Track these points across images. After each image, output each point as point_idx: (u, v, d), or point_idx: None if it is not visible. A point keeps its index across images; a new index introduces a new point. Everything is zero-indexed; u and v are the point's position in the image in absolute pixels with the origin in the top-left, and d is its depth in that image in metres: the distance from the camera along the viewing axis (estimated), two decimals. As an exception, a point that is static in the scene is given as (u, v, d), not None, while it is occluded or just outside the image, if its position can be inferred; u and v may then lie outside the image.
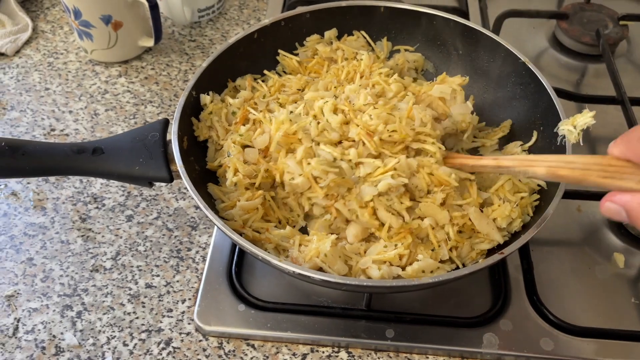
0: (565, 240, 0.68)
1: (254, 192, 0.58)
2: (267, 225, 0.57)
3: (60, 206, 0.71)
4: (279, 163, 0.59)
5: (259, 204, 0.57)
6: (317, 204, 0.58)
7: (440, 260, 0.54)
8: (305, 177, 0.57)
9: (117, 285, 0.64)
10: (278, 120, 0.60)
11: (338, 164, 0.57)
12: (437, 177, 0.56)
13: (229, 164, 0.60)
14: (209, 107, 0.65)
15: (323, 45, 0.73)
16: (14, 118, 0.81)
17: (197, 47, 0.91)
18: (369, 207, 0.56)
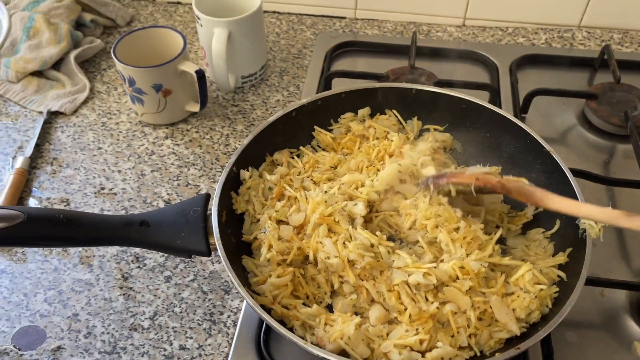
0: (586, 324, 0.69)
1: (284, 269, 0.62)
2: (295, 302, 0.61)
3: (105, 264, 0.76)
4: (312, 241, 0.63)
5: (288, 281, 0.61)
6: (347, 282, 0.62)
7: (459, 347, 0.57)
8: (340, 260, 0.60)
9: (153, 345, 0.68)
10: (314, 201, 0.64)
11: (375, 249, 0.61)
12: (467, 269, 0.59)
13: (264, 240, 0.64)
14: (248, 182, 0.69)
15: (356, 123, 0.77)
16: (69, 175, 0.87)
17: (239, 112, 0.97)
18: (395, 290, 0.59)
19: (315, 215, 0.63)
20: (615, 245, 0.77)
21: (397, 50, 1.05)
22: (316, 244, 0.62)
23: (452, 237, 0.61)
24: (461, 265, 0.58)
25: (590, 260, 0.58)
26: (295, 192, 0.68)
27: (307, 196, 0.66)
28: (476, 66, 1.05)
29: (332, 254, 0.61)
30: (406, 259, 0.59)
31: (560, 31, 1.11)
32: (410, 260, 0.59)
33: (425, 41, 1.09)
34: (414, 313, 0.57)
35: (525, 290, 0.59)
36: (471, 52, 1.05)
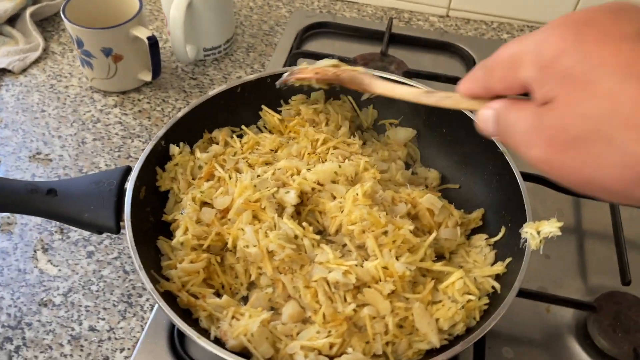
0: (526, 341, 0.64)
1: (199, 255, 0.57)
2: (205, 291, 0.56)
3: (26, 233, 0.71)
4: (234, 228, 0.58)
5: (200, 268, 0.56)
6: (265, 274, 0.57)
7: (374, 354, 0.52)
8: (259, 249, 0.55)
9: (62, 323, 0.64)
10: (242, 184, 0.59)
11: (298, 241, 0.56)
12: (391, 271, 0.54)
13: (181, 221, 0.59)
14: (176, 158, 0.64)
15: (306, 106, 0.72)
16: (5, 136, 0.83)
17: (196, 85, 0.92)
18: (312, 287, 0.54)
19: (241, 199, 0.58)
20: (572, 260, 0.72)
21: (372, 36, 1.00)
22: (237, 230, 0.57)
23: (381, 242, 0.56)
24: (385, 265, 0.53)
25: (525, 272, 0.53)
26: (226, 173, 0.63)
27: (237, 179, 0.61)
28: (453, 59, 0.99)
29: (252, 242, 0.56)
30: (329, 254, 0.54)
31: (547, 30, 1.05)
32: (333, 256, 0.54)
33: (404, 29, 1.04)
34: (328, 313, 0.52)
35: (453, 300, 0.54)
36: (449, 43, 0.99)
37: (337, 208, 0.58)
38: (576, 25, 0.32)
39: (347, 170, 0.61)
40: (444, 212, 0.62)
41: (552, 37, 0.33)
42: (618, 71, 0.30)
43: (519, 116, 0.36)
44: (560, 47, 0.32)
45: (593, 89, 0.30)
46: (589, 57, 0.31)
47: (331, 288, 0.54)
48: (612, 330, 0.62)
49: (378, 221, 0.55)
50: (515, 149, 0.37)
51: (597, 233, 0.75)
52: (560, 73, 0.32)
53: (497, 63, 0.36)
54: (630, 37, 0.30)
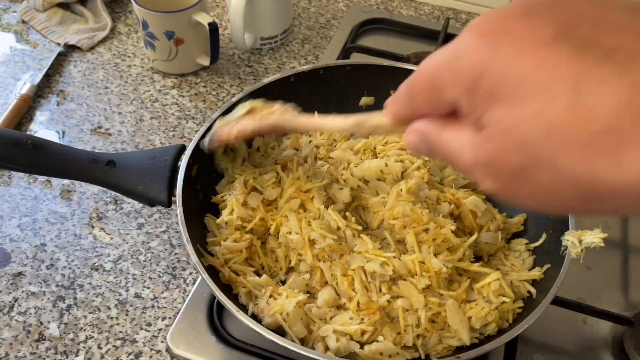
0: (559, 350, 0.64)
1: (242, 235, 0.60)
2: (246, 269, 0.58)
3: (84, 201, 0.76)
4: (279, 215, 0.60)
5: (243, 247, 0.59)
6: (305, 261, 0.59)
7: (404, 345, 0.53)
8: (301, 237, 0.57)
9: (110, 288, 0.68)
10: (294, 175, 0.61)
11: (340, 233, 0.58)
12: (428, 266, 0.55)
13: (228, 202, 0.62)
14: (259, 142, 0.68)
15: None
16: (71, 109, 0.87)
17: (251, 73, 0.95)
18: (349, 275, 0.55)
19: (292, 189, 0.60)
20: (614, 274, 0.71)
21: (427, 35, 1.00)
22: (281, 217, 0.59)
23: (421, 239, 0.57)
24: (422, 260, 0.54)
25: (563, 280, 0.53)
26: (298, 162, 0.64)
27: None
28: (508, 63, 0.98)
29: (295, 229, 0.58)
30: (368, 244, 0.56)
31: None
32: (372, 246, 0.56)
33: (460, 30, 1.03)
34: (362, 302, 0.54)
35: (487, 300, 0.55)
36: (505, 47, 0.98)
37: (380, 203, 0.59)
38: (490, 35, 0.28)
39: (393, 169, 0.62)
40: (486, 215, 0.63)
41: (467, 51, 0.28)
42: (542, 85, 0.26)
43: (453, 143, 0.32)
44: (478, 64, 0.28)
45: (521, 112, 0.26)
46: (509, 74, 0.27)
47: (367, 278, 0.55)
48: (649, 348, 0.61)
49: (420, 218, 0.56)
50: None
51: (643, 249, 0.74)
52: (485, 96, 0.28)
53: (419, 85, 0.32)
54: (547, 41, 0.26)
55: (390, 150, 0.65)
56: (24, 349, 0.62)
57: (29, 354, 0.61)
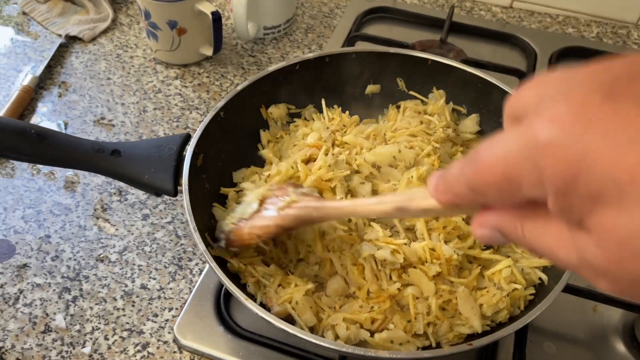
0: (570, 338, 0.63)
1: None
2: (254, 259, 0.58)
3: (88, 192, 0.75)
4: None
5: None
6: (314, 253, 0.58)
7: (414, 333, 0.53)
8: (313, 230, 0.57)
9: (116, 279, 0.67)
10: (320, 162, 0.60)
11: (351, 224, 0.57)
12: (439, 253, 0.54)
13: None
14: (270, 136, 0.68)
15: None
16: (73, 100, 0.87)
17: (254, 62, 0.94)
18: (359, 265, 0.55)
19: (312, 177, 0.59)
20: (623, 261, 0.71)
21: (432, 24, 0.99)
22: None
23: (431, 227, 0.56)
24: (432, 247, 0.54)
25: (575, 266, 0.52)
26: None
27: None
28: (514, 51, 0.98)
29: None
30: (379, 232, 0.55)
31: (615, 27, 1.02)
32: (383, 234, 0.55)
33: (465, 18, 1.02)
34: (372, 290, 0.53)
35: (499, 287, 0.54)
36: (511, 35, 0.97)
37: (390, 189, 0.59)
38: (575, 126, 0.23)
39: (406, 156, 0.61)
40: None
41: (552, 148, 0.24)
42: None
43: (545, 238, 0.28)
44: (571, 164, 0.23)
45: (638, 217, 0.23)
46: (613, 173, 0.23)
47: (378, 266, 0.54)
48: (661, 335, 0.60)
49: None
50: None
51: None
52: (584, 198, 0.24)
53: (487, 179, 0.27)
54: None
55: (400, 136, 0.65)
56: (30, 341, 0.61)
57: (35, 345, 0.61)
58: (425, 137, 0.64)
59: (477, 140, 0.70)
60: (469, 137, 0.70)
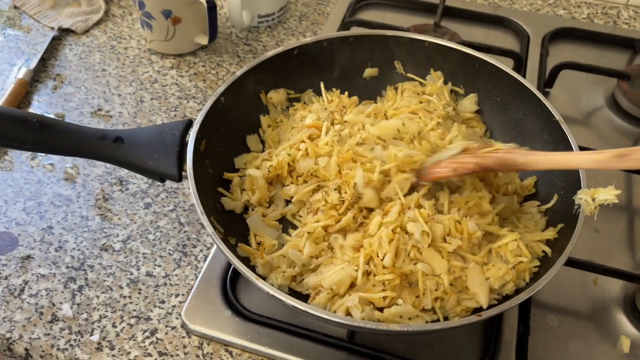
0: (572, 311, 0.65)
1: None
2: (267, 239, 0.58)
3: (89, 183, 0.75)
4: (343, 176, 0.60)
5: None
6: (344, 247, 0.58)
7: (422, 309, 0.53)
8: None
9: (121, 268, 0.67)
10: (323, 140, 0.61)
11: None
12: (464, 227, 0.55)
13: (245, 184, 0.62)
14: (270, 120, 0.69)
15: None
16: (69, 93, 0.86)
17: (250, 51, 0.94)
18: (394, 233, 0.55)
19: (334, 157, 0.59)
20: (621, 234, 0.72)
21: (425, 8, 1.00)
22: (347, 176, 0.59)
23: (453, 199, 0.57)
24: (459, 220, 0.54)
25: (578, 237, 0.54)
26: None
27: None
28: (506, 33, 0.98)
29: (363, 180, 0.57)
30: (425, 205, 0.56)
31: (605, 7, 1.03)
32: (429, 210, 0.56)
33: (457, 2, 1.03)
34: (388, 264, 0.53)
35: (505, 260, 0.55)
36: (503, 18, 0.98)
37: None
38: None
39: (410, 129, 0.61)
40: (507, 176, 0.63)
41: None
42: None
43: None
44: None
45: None
46: None
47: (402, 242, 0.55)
48: (661, 304, 0.61)
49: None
50: None
51: (649, 211, 0.74)
52: None
53: None
54: None
55: (401, 114, 0.65)
56: (38, 331, 0.61)
57: (43, 335, 0.61)
58: (426, 114, 0.65)
59: (476, 118, 0.71)
60: (469, 116, 0.71)
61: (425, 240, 0.54)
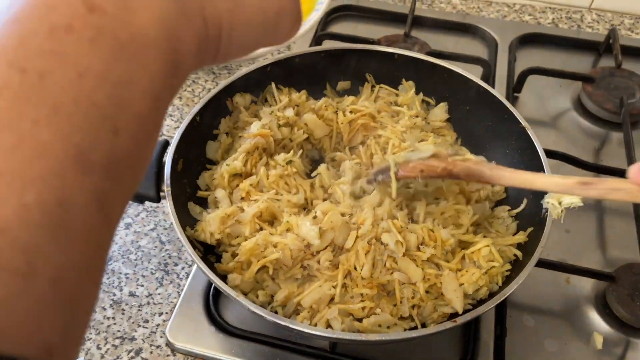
0: (547, 310, 0.67)
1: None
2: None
3: (68, 205, 0.75)
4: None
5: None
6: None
7: (400, 317, 0.55)
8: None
9: (104, 289, 0.67)
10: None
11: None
12: (437, 235, 0.57)
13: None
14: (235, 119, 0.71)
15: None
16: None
17: (224, 67, 0.95)
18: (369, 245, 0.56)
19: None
20: (592, 234, 0.74)
21: (395, 19, 1.02)
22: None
23: (430, 209, 0.59)
24: (432, 229, 0.56)
25: (547, 240, 0.56)
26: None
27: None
28: (475, 41, 1.01)
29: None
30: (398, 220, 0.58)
31: (569, 12, 1.06)
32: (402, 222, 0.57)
33: (426, 11, 1.06)
34: (365, 276, 0.55)
35: (478, 266, 0.57)
36: (471, 25, 1.01)
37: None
38: None
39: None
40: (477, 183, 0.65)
41: None
42: None
43: None
44: None
45: None
46: None
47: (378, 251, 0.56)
48: (630, 300, 0.64)
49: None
50: None
51: (617, 209, 0.77)
52: None
53: None
54: None
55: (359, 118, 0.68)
56: (22, 356, 0.61)
57: None
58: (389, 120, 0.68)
59: (447, 127, 0.73)
60: (439, 125, 0.73)
61: (400, 249, 0.55)
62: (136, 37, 0.26)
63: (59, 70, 0.23)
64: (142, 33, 0.26)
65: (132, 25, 0.26)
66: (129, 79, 0.26)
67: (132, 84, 0.26)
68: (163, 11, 0.28)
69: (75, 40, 0.24)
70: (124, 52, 0.25)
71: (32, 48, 0.23)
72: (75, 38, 0.24)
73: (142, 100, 0.27)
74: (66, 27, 0.24)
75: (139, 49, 0.26)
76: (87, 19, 0.24)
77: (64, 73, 0.23)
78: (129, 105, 0.26)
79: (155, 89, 0.27)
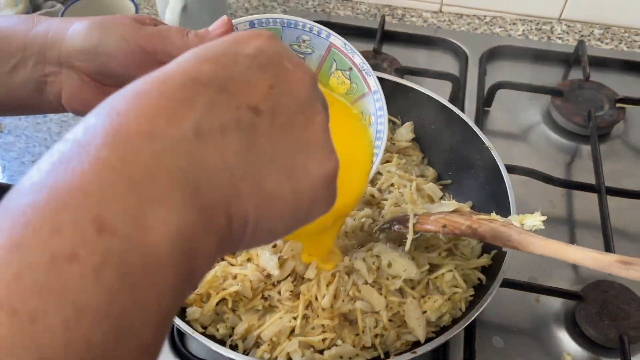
0: (516, 330, 0.66)
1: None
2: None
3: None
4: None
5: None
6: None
7: (363, 346, 0.54)
8: None
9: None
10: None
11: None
12: (408, 272, 0.56)
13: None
14: None
15: None
16: (8, 142, 0.85)
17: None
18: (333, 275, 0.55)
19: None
20: (562, 250, 0.74)
21: (365, 34, 1.01)
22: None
23: None
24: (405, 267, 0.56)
25: (509, 264, 0.55)
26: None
27: None
28: (447, 55, 1.01)
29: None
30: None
31: (539, 23, 1.06)
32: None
33: (397, 26, 1.05)
34: (326, 306, 0.54)
35: (441, 291, 0.56)
36: (442, 39, 1.01)
37: None
38: None
39: None
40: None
41: None
42: None
43: None
44: None
45: None
46: None
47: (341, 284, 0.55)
48: (599, 318, 0.63)
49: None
50: None
51: (587, 223, 0.77)
52: None
53: None
54: None
55: None
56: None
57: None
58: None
59: (412, 147, 0.73)
60: (405, 145, 0.72)
61: (371, 276, 0.54)
62: (147, 259, 0.23)
63: (53, 309, 0.21)
64: (154, 252, 0.23)
65: (143, 245, 0.23)
66: (133, 308, 0.22)
67: (137, 311, 0.22)
68: (181, 223, 0.24)
69: (77, 272, 0.21)
70: (131, 279, 0.22)
71: (28, 284, 0.21)
72: (77, 269, 0.21)
73: (146, 328, 0.23)
74: (69, 257, 0.21)
75: (148, 270, 0.23)
76: (94, 244, 0.22)
77: (59, 312, 0.21)
78: (130, 337, 0.23)
79: (162, 309, 0.24)
